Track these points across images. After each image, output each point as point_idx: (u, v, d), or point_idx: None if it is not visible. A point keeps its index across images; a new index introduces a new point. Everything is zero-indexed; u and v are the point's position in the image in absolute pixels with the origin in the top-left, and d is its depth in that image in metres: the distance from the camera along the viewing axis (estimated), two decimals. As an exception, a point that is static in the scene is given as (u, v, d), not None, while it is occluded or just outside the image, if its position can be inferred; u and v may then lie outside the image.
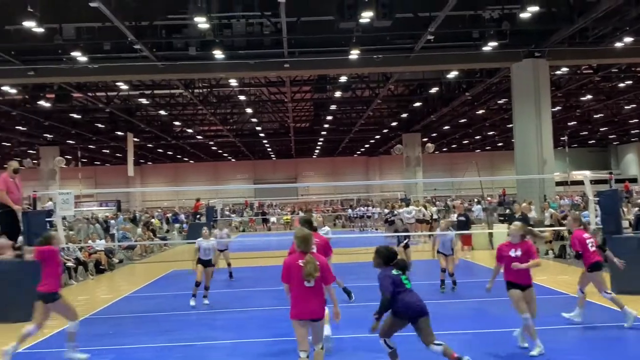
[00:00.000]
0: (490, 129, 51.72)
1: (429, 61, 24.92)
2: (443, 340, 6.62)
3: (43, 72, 24.31)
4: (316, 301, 6.21)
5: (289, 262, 6.31)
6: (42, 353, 9.22)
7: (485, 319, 10.33)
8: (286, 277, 6.30)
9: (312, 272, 6.07)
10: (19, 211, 11.73)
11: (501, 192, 42.96)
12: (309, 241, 6.33)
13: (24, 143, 47.36)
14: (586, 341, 8.47)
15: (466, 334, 9.19)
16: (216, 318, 11.19)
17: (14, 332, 10.43)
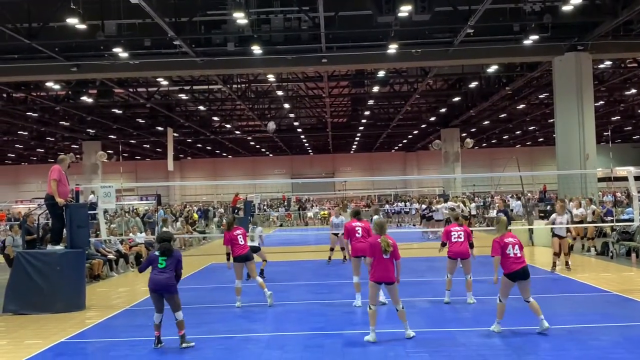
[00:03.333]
0: (531, 124, 50.87)
1: (469, 55, 24.65)
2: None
3: (85, 68, 24.82)
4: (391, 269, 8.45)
5: (372, 241, 8.59)
6: (83, 343, 9.42)
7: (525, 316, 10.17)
8: (370, 251, 8.50)
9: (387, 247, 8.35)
10: (61, 204, 11.98)
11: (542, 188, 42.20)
12: (383, 226, 8.65)
13: (68, 138, 48.47)
14: (626, 340, 8.27)
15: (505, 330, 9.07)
16: (254, 311, 11.28)
17: (59, 322, 10.74)
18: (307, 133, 52.99)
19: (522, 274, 8.60)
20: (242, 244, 11.44)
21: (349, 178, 63.06)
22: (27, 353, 8.57)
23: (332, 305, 11.53)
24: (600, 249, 18.40)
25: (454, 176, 44.59)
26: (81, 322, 10.74)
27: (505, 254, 8.65)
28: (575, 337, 8.47)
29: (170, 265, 8.53)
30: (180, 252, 8.85)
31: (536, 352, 7.87)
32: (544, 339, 8.42)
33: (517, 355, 7.74)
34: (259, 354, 8.25)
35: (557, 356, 7.67)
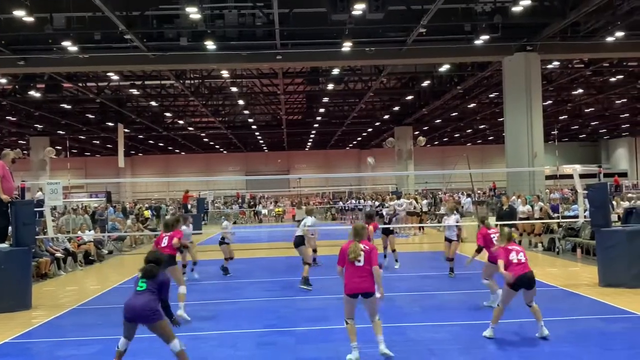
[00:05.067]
0: (482, 123, 51.84)
1: (421, 54, 24.93)
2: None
3: (33, 61, 24.15)
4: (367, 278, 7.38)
5: (343, 247, 7.62)
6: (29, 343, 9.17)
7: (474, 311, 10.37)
8: (340, 259, 7.57)
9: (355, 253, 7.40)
10: (6, 201, 11.64)
11: (491, 185, 43.11)
12: (359, 231, 7.65)
13: (14, 133, 47.08)
14: (571, 333, 8.52)
15: (454, 325, 9.23)
16: (206, 309, 11.17)
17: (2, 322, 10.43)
18: (262, 130, 52.77)
19: (527, 280, 8.19)
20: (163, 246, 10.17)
21: (303, 175, 63.10)
22: (-32, 355, 8.30)
23: (285, 303, 11.53)
24: (547, 245, 18.90)
25: (407, 173, 45.15)
26: (27, 322, 10.46)
27: (509, 260, 8.33)
28: (523, 331, 8.66)
29: (151, 288, 6.93)
30: (167, 277, 7.32)
31: (484, 347, 8.02)
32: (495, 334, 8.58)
33: (466, 349, 7.88)
34: (210, 352, 8.18)
35: (505, 351, 7.83)
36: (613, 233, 12.38)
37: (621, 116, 51.15)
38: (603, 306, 10.34)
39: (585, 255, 16.71)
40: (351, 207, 39.72)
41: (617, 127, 60.34)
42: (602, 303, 10.55)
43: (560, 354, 7.57)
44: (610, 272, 11.99)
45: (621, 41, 23.27)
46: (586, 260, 16.04)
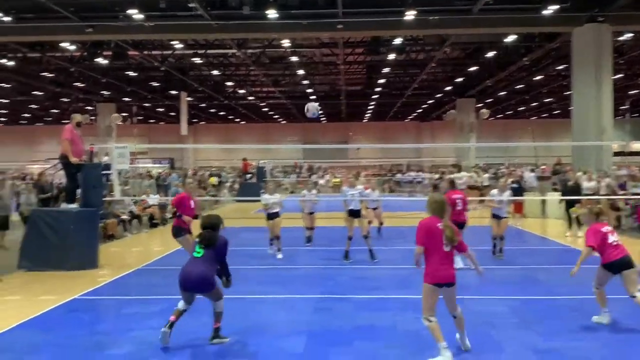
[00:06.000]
0: (548, 96, 50.27)
1: (487, 24, 24.26)
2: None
3: (101, 29, 24.72)
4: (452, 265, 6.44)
5: (429, 224, 6.36)
6: (96, 300, 9.57)
7: (534, 286, 10.20)
8: (424, 239, 6.31)
9: (452, 236, 6.30)
10: (75, 163, 12.06)
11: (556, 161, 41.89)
12: (444, 206, 6.50)
13: (82, 99, 48.53)
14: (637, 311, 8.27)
15: (515, 299, 9.11)
16: (265, 274, 11.40)
17: (71, 279, 10.92)
18: (321, 100, 52.65)
19: (626, 263, 7.69)
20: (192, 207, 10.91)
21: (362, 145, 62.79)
22: (41, 308, 8.73)
23: (342, 271, 11.62)
24: (613, 223, 18.31)
25: (467, 145, 44.24)
26: (94, 280, 10.91)
27: (605, 244, 7.80)
28: (583, 308, 8.48)
29: (208, 254, 6.93)
30: (224, 239, 7.12)
31: (543, 321, 7.89)
32: (554, 310, 8.45)
33: (525, 323, 7.78)
34: (269, 314, 8.36)
35: (564, 325, 7.69)
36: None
37: (696, 91, 48.68)
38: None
39: (653, 234, 16.15)
40: (409, 179, 39.41)
41: (692, 103, 57.50)
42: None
43: (624, 329, 7.38)
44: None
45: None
46: (654, 240, 15.49)
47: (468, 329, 7.45)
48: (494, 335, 7.27)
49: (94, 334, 7.51)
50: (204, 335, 7.19)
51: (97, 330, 7.69)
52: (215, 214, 7.49)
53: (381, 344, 6.79)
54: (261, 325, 7.78)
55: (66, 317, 8.45)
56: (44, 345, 7.03)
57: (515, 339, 7.14)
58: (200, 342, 7.07)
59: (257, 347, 6.88)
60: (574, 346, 6.86)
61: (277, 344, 7.00)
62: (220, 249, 7.00)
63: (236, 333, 7.38)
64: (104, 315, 8.64)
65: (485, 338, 7.16)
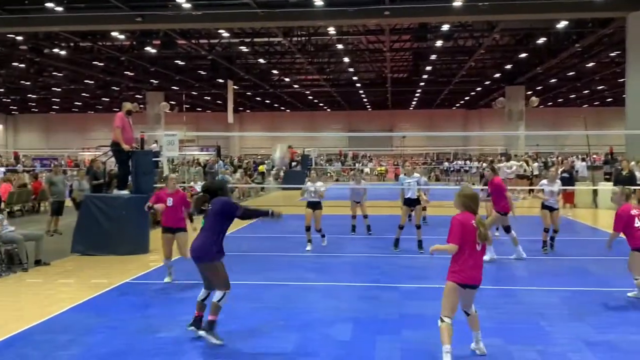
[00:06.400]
0: (600, 84, 48.84)
1: (538, 9, 23.68)
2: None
3: (149, 18, 25.08)
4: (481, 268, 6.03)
5: (463, 220, 5.93)
6: (147, 284, 9.77)
7: (586, 277, 9.97)
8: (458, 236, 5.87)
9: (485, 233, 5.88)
10: (126, 149, 12.32)
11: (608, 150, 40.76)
12: (476, 199, 6.09)
13: (132, 88, 49.48)
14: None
15: (566, 291, 8.93)
16: (310, 261, 11.45)
17: (123, 264, 11.18)
18: (366, 88, 52.39)
19: None
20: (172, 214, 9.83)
21: (407, 133, 62.24)
22: (93, 291, 8.97)
23: (388, 260, 11.57)
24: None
25: (516, 133, 43.39)
26: (145, 265, 11.14)
27: (632, 227, 7.92)
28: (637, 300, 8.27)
29: (209, 224, 6.61)
30: (223, 200, 6.70)
31: (597, 313, 7.72)
32: (607, 302, 8.24)
33: (577, 315, 7.61)
34: (315, 301, 8.39)
35: (618, 318, 7.51)
36: None
37: None
38: None
39: None
40: (456, 168, 38.95)
41: None
42: None
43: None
44: None
45: None
46: None
47: (520, 319, 7.37)
48: (545, 327, 7.14)
49: (145, 317, 7.68)
50: (255, 318, 7.26)
51: (148, 314, 7.85)
52: (218, 180, 7.23)
53: (428, 332, 6.74)
54: (307, 312, 7.82)
55: (118, 300, 8.66)
56: (97, 327, 7.22)
57: (567, 330, 6.99)
58: (248, 326, 7.15)
59: (303, 333, 6.91)
60: (627, 339, 6.67)
61: (324, 330, 7.03)
62: (218, 209, 6.56)
63: (282, 319, 7.45)
64: (154, 299, 8.81)
65: (536, 329, 7.04)
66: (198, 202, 6.79)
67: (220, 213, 6.60)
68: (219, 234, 6.61)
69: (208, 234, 6.60)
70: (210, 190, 6.84)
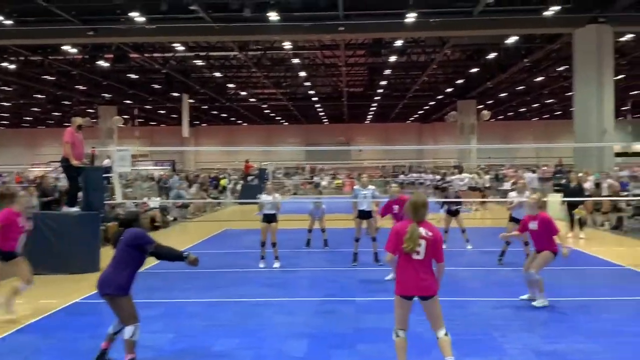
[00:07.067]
0: (549, 97, 50.24)
1: (488, 25, 24.25)
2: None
3: (102, 32, 24.77)
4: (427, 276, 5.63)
5: (398, 229, 5.72)
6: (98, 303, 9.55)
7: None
8: (393, 245, 5.69)
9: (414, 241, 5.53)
10: (76, 165, 12.08)
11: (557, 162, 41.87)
12: (419, 208, 5.68)
13: (84, 102, 48.61)
14: (638, 313, 8.28)
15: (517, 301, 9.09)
16: (265, 276, 11.39)
17: (73, 283, 10.91)
18: (323, 102, 52.71)
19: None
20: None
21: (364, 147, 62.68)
22: (43, 312, 8.73)
23: (346, 273, 11.59)
24: (615, 224, 18.30)
25: (469, 146, 44.28)
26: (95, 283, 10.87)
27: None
28: (587, 309, 8.48)
29: (117, 256, 6.22)
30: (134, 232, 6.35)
31: (547, 324, 7.88)
32: (555, 312, 8.43)
33: (528, 325, 7.76)
34: (270, 318, 8.33)
35: (568, 328, 7.68)
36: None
37: (699, 91, 48.62)
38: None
39: (656, 235, 16.14)
40: (411, 180, 39.40)
41: (694, 104, 57.41)
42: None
43: (625, 332, 7.37)
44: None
45: (702, 12, 22.02)
46: (656, 241, 15.47)
47: (473, 331, 7.44)
48: (497, 338, 7.26)
49: (96, 337, 7.48)
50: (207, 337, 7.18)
51: (99, 334, 7.63)
52: (133, 211, 7.07)
53: (384, 346, 6.76)
54: (261, 328, 7.77)
55: (68, 320, 8.45)
56: (46, 349, 7.03)
57: (518, 341, 7.11)
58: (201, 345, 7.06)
59: (257, 351, 6.86)
60: (575, 349, 6.83)
61: (278, 346, 6.99)
62: (129, 240, 6.18)
63: (237, 336, 7.38)
64: (105, 318, 8.58)
65: (489, 340, 7.15)
66: (114, 237, 6.38)
67: (130, 244, 6.21)
68: (128, 266, 6.21)
69: (115, 266, 6.22)
70: (124, 222, 6.53)
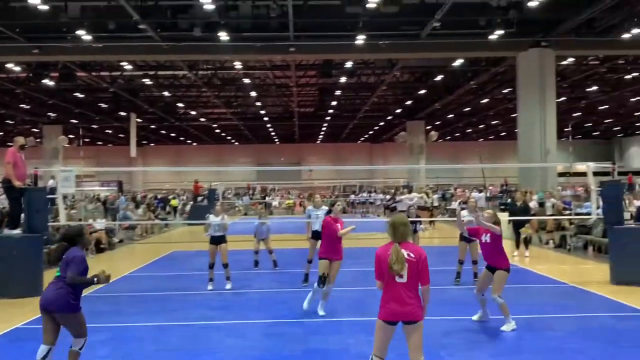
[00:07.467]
0: (494, 118, 51.58)
1: (435, 48, 24.82)
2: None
3: (47, 50, 24.27)
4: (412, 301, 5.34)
5: (379, 253, 5.43)
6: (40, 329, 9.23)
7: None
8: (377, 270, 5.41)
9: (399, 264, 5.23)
10: (18, 187, 11.74)
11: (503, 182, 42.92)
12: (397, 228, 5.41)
13: (28, 121, 47.39)
14: (581, 330, 8.48)
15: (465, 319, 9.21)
16: (214, 299, 11.22)
17: (14, 308, 10.53)
18: (274, 122, 52.79)
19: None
20: None
21: (315, 167, 62.93)
22: (-20, 339, 8.38)
23: (295, 294, 11.52)
24: (559, 242, 18.79)
25: (417, 167, 45.04)
26: (38, 308, 10.48)
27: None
28: (532, 327, 8.63)
29: (64, 273, 6.06)
30: (77, 251, 6.24)
31: (493, 342, 8.00)
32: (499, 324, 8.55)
33: (476, 344, 7.86)
34: (219, 341, 8.20)
35: (514, 346, 7.81)
36: (626, 231, 12.29)
37: (635, 114, 50.74)
38: (614, 304, 10.28)
39: (597, 252, 16.63)
40: (362, 200, 39.70)
41: (631, 126, 59.84)
42: (613, 301, 10.48)
43: (569, 350, 7.54)
44: (622, 270, 11.90)
45: (637, 38, 23.01)
46: (597, 258, 15.93)
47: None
48: (444, 357, 7.31)
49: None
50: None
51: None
52: (76, 225, 6.70)
53: (333, 368, 6.74)
54: (210, 352, 7.63)
55: (8, 347, 8.13)
56: (-18, 378, 6.73)
57: (466, 359, 7.18)
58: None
59: (206, 375, 6.73)
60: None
61: (227, 371, 6.88)
62: (69, 261, 6.05)
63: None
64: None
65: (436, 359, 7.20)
66: (56, 253, 6.24)
67: (69, 264, 6.08)
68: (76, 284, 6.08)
69: (64, 285, 6.06)
70: (67, 237, 6.31)
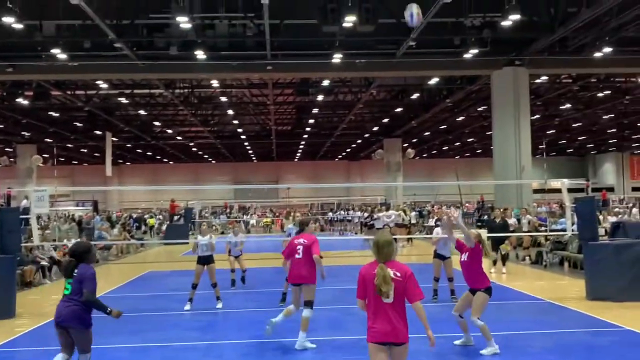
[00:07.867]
0: (470, 136, 52.11)
1: (411, 67, 25.05)
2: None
3: (22, 69, 23.99)
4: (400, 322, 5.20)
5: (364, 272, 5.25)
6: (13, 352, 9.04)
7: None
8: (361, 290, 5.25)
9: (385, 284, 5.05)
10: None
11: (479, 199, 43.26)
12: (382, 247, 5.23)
13: (1, 140, 46.69)
14: (558, 346, 8.53)
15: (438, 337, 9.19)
16: (192, 319, 11.10)
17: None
18: (251, 140, 52.72)
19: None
20: None
21: (292, 185, 62.87)
22: (-50, 363, 8.18)
23: (274, 314, 11.42)
24: (534, 258, 18.95)
25: (395, 184, 45.22)
26: (10, 330, 10.32)
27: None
28: (510, 343, 8.65)
29: (76, 290, 6.30)
30: (89, 268, 6.47)
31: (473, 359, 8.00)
32: (480, 346, 8.57)
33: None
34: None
35: None
36: (600, 247, 12.44)
37: (608, 131, 51.66)
38: (590, 319, 10.37)
39: (573, 268, 16.80)
40: (340, 218, 39.72)
41: (604, 143, 60.88)
42: (589, 316, 10.57)
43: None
44: (597, 286, 12.02)
45: (609, 57, 23.46)
46: (573, 274, 16.09)
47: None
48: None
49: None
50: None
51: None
52: (85, 241, 7.01)
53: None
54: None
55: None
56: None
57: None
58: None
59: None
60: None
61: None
62: (81, 280, 6.28)
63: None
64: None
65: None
66: (68, 269, 6.48)
67: (83, 281, 6.33)
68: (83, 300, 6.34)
69: (78, 302, 6.31)
70: (76, 254, 6.53)
